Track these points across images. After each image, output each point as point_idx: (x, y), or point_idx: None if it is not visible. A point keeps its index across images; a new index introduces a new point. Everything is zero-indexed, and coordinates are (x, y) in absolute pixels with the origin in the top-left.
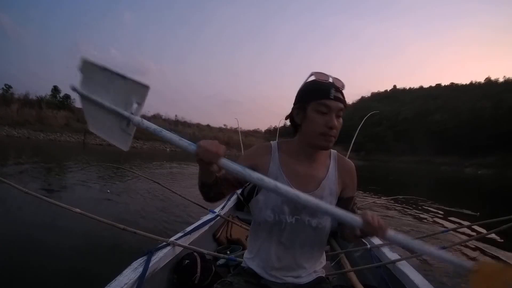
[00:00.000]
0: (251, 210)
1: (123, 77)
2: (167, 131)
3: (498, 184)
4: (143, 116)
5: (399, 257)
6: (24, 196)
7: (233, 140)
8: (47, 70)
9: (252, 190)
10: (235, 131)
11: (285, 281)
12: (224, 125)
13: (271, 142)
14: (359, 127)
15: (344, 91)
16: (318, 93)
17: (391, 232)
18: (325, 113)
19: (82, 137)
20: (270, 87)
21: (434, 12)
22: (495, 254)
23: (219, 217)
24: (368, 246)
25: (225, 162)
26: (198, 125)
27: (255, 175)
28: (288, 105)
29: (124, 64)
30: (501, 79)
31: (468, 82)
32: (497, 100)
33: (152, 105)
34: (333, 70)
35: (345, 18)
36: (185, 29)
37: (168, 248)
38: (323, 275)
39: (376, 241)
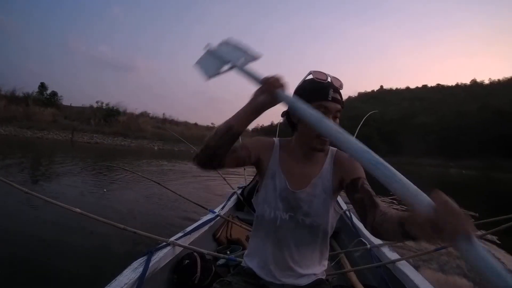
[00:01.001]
0: (254, 205)
1: (244, 49)
2: (251, 71)
3: (483, 184)
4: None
5: (399, 257)
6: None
7: None
8: (34, 66)
9: (252, 190)
10: None
11: (284, 282)
12: (212, 123)
13: (274, 139)
14: (359, 127)
15: (341, 90)
16: (316, 94)
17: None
18: (322, 114)
19: (70, 135)
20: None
21: (421, 14)
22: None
23: (219, 217)
24: (368, 246)
25: (283, 93)
26: (185, 123)
27: (304, 106)
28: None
29: (113, 60)
30: (486, 81)
31: (454, 84)
32: (482, 103)
33: (139, 103)
34: (321, 69)
35: (333, 18)
36: (176, 26)
37: (168, 248)
38: (323, 277)
39: (376, 240)
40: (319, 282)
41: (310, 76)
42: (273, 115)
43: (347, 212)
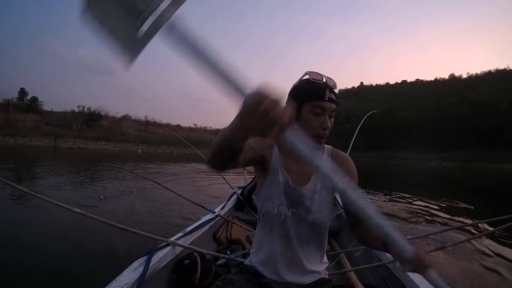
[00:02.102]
0: (257, 206)
1: None
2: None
3: (464, 175)
4: None
5: None
6: (23, 197)
7: (205, 139)
8: (9, 71)
9: (252, 190)
10: (205, 130)
11: (287, 281)
12: (194, 124)
13: None
14: (359, 126)
15: (336, 90)
16: (313, 94)
17: (433, 273)
18: (319, 114)
19: (52, 141)
20: None
21: (397, 9)
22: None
23: (219, 217)
24: None
25: (293, 134)
26: (168, 125)
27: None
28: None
29: (93, 63)
30: (464, 75)
31: (432, 79)
32: (460, 97)
33: (121, 106)
34: (301, 67)
35: (310, 17)
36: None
37: (168, 248)
38: (326, 276)
39: None
40: (322, 281)
41: (307, 77)
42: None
43: None
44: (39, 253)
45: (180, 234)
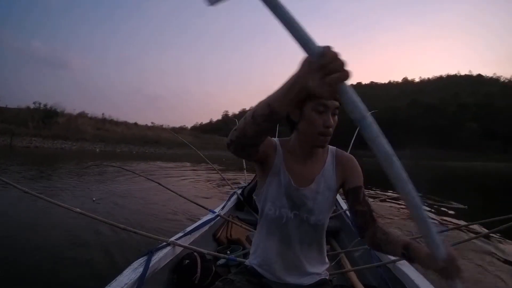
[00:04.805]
0: (258, 206)
1: None
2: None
3: (413, 172)
4: None
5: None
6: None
7: (162, 138)
8: None
9: (252, 190)
10: (162, 128)
11: (287, 282)
12: (152, 122)
13: (273, 139)
14: (358, 129)
15: None
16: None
17: (459, 282)
18: (322, 112)
19: (8, 140)
20: (194, 83)
21: (354, 14)
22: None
23: (219, 217)
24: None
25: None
26: (125, 123)
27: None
28: (215, 102)
29: (46, 56)
30: (417, 80)
31: (386, 82)
32: (412, 99)
33: (77, 103)
34: (267, 67)
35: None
36: (112, 22)
37: (168, 248)
38: (327, 277)
39: None
40: (323, 282)
41: None
42: (212, 112)
43: (347, 212)
44: (38, 253)
45: (180, 234)
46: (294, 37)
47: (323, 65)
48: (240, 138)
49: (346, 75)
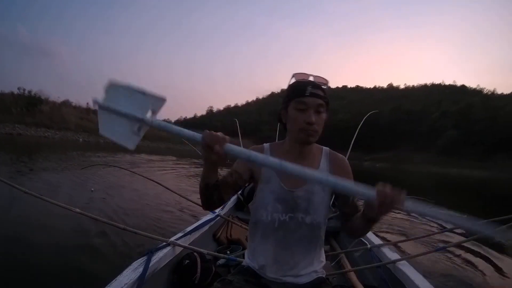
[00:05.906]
0: (250, 211)
1: (143, 93)
2: (176, 127)
3: (394, 176)
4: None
5: (399, 257)
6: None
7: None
8: None
9: (252, 190)
10: None
11: (285, 281)
12: None
13: (264, 144)
14: (359, 126)
15: (325, 87)
16: (295, 91)
17: (408, 201)
18: (303, 109)
19: None
20: (181, 78)
21: (342, 17)
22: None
23: (219, 217)
24: (368, 246)
25: (230, 146)
26: None
27: (260, 156)
28: (200, 97)
29: (31, 44)
30: (402, 86)
31: (372, 86)
32: (396, 104)
33: (61, 91)
34: (238, 67)
35: (266, 21)
36: (102, 11)
37: (168, 248)
38: (324, 275)
39: (376, 240)
40: (320, 281)
41: (294, 79)
42: (196, 108)
43: None
44: (38, 254)
45: (180, 234)
46: (184, 138)
47: (206, 144)
48: (204, 202)
49: (222, 141)
